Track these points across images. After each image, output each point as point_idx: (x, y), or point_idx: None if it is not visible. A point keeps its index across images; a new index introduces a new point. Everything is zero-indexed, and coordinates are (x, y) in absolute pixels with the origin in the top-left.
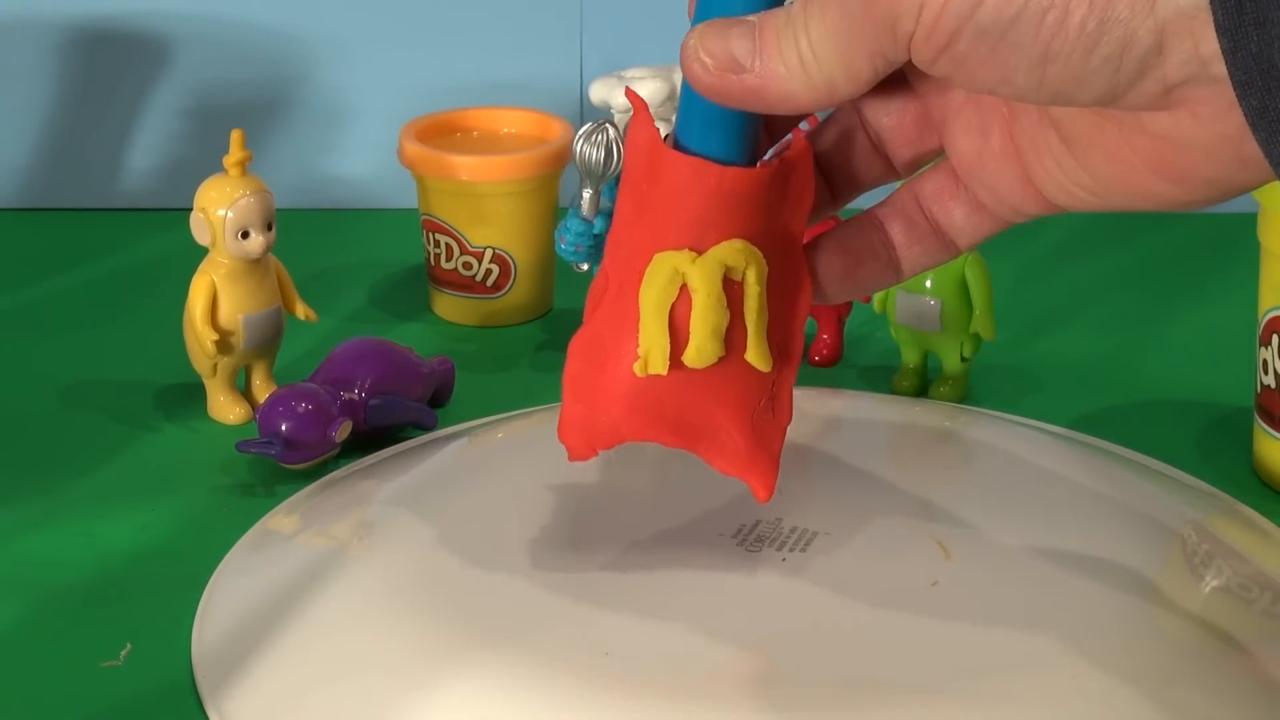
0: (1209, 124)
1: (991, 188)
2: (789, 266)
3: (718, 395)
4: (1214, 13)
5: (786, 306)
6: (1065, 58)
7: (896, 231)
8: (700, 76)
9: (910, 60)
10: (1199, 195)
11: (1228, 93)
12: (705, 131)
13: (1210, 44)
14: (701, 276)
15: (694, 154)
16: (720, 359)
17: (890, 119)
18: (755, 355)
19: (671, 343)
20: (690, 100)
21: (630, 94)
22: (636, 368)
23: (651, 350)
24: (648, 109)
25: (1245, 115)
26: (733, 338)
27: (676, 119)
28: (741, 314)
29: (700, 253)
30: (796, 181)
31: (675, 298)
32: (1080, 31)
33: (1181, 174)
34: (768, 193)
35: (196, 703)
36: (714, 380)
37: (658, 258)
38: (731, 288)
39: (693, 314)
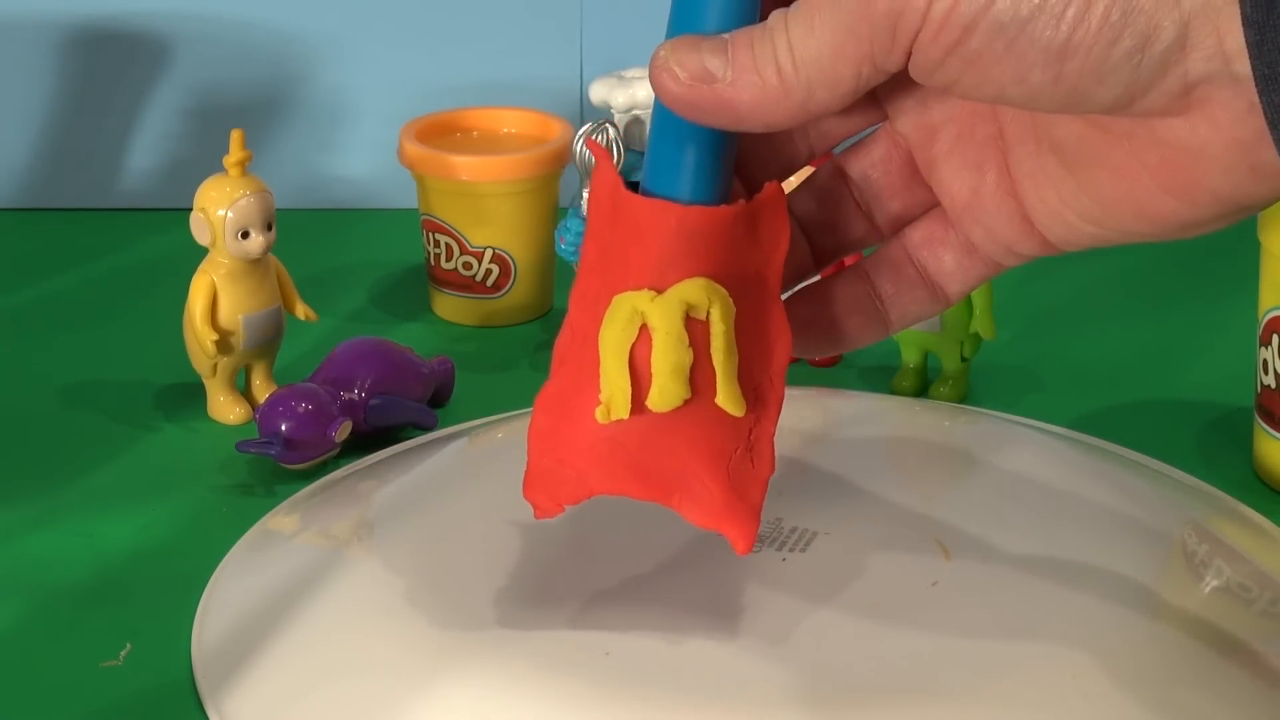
0: (1225, 129)
1: (987, 227)
2: (761, 311)
3: (689, 443)
4: (1242, 6)
5: (760, 351)
6: (1086, 51)
7: (884, 282)
8: (669, 87)
9: (903, 68)
10: (1205, 212)
11: (1248, 94)
12: (669, 172)
13: (1235, 38)
14: (661, 314)
15: (657, 197)
16: (688, 403)
17: (874, 171)
18: (726, 398)
19: (634, 386)
20: (657, 138)
21: (591, 144)
22: (599, 414)
23: (613, 394)
24: (609, 157)
25: (1264, 112)
26: (701, 381)
27: (644, 166)
28: (708, 354)
29: (661, 292)
30: (767, 225)
31: (635, 338)
32: (1104, 22)
33: (1190, 188)
34: (732, 233)
35: (196, 703)
36: (684, 427)
37: (616, 299)
38: (695, 327)
39: (653, 353)
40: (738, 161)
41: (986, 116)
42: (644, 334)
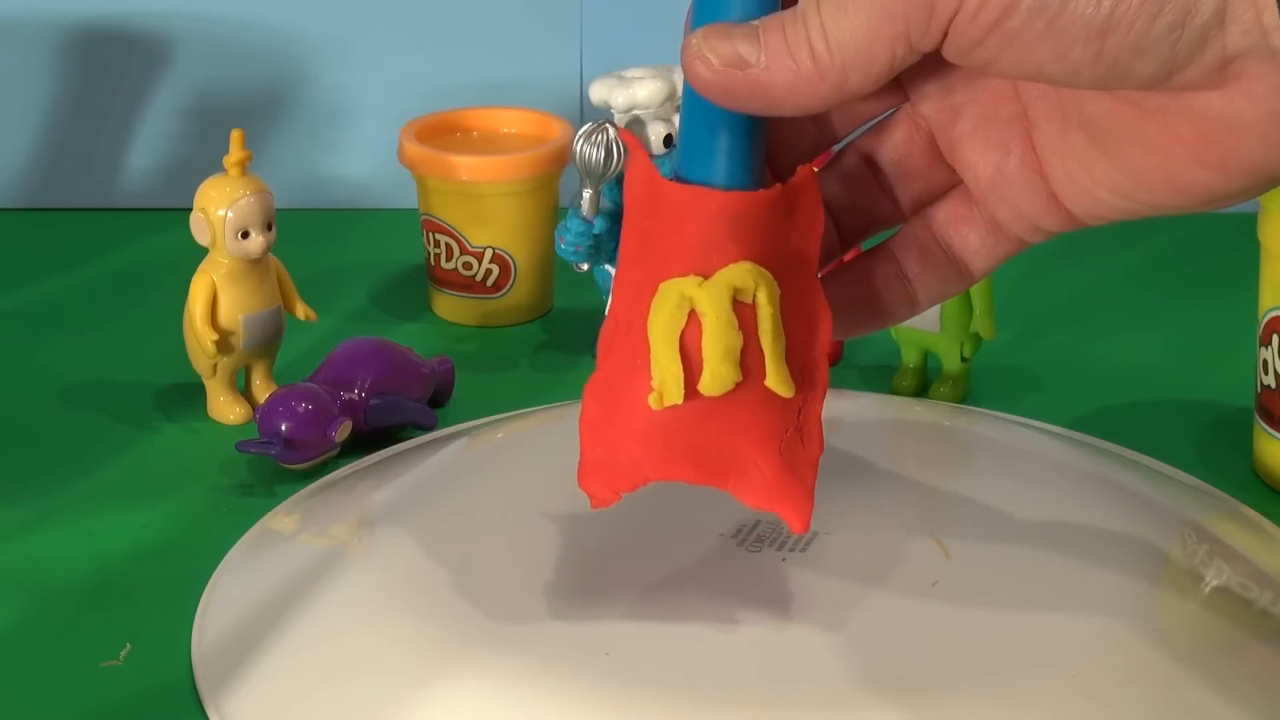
0: (1262, 101)
1: (1012, 205)
2: (804, 291)
3: (740, 425)
4: None
5: (805, 332)
6: (1128, 26)
7: (910, 262)
8: (702, 74)
9: (939, 49)
10: (1238, 184)
11: None
12: (705, 159)
13: (1273, 13)
14: (710, 299)
15: (694, 184)
16: (738, 386)
17: (897, 153)
18: (775, 380)
19: (686, 372)
20: (690, 126)
21: (624, 134)
22: (652, 400)
23: (665, 380)
24: (643, 147)
25: None
26: (750, 363)
27: (676, 153)
28: (756, 337)
29: (707, 278)
30: (804, 207)
31: (684, 324)
32: None
33: (1225, 160)
34: (772, 216)
35: (196, 703)
36: (735, 410)
37: (663, 286)
38: (743, 310)
39: (704, 337)
40: None
41: (1009, 96)
42: (692, 319)
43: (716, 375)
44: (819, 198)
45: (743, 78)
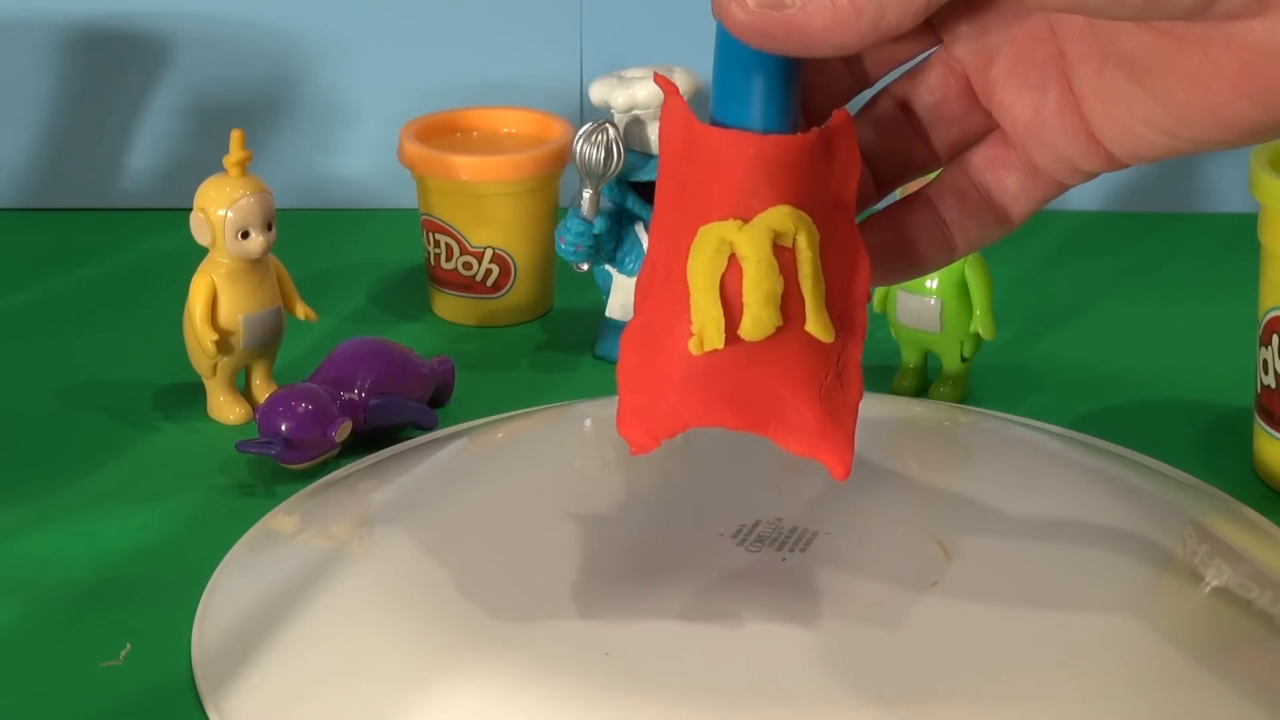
0: None
1: (1050, 146)
2: (842, 236)
3: (781, 371)
4: None
5: (844, 277)
6: None
7: (949, 208)
8: (738, 15)
9: None
10: None
11: None
12: (740, 104)
13: None
14: (750, 243)
15: (730, 128)
16: (778, 331)
17: (931, 97)
18: (816, 325)
19: (726, 317)
20: (724, 70)
21: (660, 79)
22: (692, 345)
23: (706, 324)
24: (678, 91)
25: None
26: (789, 309)
27: (711, 98)
28: (796, 282)
29: (747, 221)
30: (841, 152)
31: (724, 269)
32: None
33: (1268, 91)
34: (810, 161)
35: (196, 703)
36: (774, 355)
37: (702, 230)
38: (783, 255)
39: (745, 281)
40: None
41: (1044, 37)
42: (732, 264)
43: (758, 320)
44: (855, 142)
45: (779, 18)
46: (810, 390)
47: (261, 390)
